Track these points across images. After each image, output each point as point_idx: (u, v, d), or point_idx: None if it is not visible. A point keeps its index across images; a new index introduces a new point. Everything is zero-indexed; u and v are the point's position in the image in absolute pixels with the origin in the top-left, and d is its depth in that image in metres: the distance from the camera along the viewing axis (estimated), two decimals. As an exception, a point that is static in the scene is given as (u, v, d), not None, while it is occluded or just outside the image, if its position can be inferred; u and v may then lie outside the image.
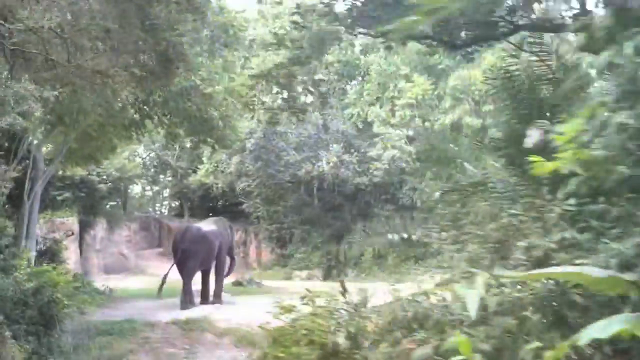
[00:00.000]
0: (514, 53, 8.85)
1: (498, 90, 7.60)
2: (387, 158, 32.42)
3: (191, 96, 19.68)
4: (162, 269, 40.58)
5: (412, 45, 24.79)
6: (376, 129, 33.57)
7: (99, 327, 14.50)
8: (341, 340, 5.08)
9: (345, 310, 5.71)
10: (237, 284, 26.70)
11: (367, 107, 34.81)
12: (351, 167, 32.82)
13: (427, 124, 33.45)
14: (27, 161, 20.36)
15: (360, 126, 34.73)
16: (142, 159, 46.47)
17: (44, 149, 22.64)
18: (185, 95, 19.35)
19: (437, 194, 7.39)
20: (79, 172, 29.18)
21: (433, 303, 5.03)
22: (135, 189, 48.52)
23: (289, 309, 6.14)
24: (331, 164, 32.26)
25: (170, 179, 48.14)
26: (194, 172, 43.93)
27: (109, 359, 12.75)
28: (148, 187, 52.91)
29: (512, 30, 10.02)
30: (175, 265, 18.40)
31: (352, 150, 33.58)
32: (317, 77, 38.88)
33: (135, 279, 31.74)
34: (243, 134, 27.14)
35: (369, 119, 34.35)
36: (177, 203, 48.91)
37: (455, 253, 5.45)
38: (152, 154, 47.04)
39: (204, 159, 40.68)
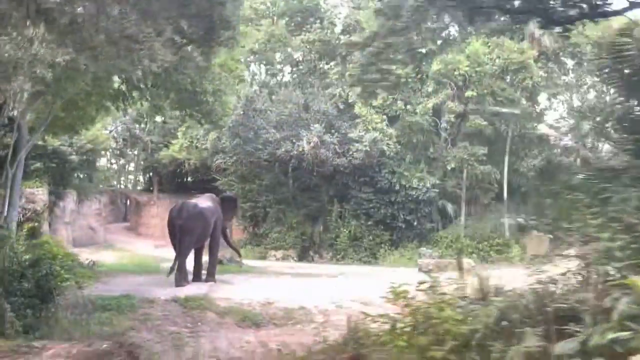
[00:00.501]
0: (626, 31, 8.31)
1: (608, 69, 7.24)
2: (368, 140, 32.14)
3: (186, 68, 18.95)
4: (129, 244, 40.31)
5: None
6: (358, 110, 33.21)
7: (95, 302, 13.95)
8: (479, 331, 4.74)
9: (472, 299, 5.37)
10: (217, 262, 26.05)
11: (348, 87, 34.39)
12: (332, 148, 32.44)
13: (409, 107, 33.24)
14: (8, 128, 19.59)
15: (341, 107, 34.32)
16: (111, 131, 45.31)
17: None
18: (181, 67, 18.61)
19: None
20: (52, 142, 28.29)
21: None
22: (101, 161, 47.42)
23: (402, 295, 5.77)
24: (312, 144, 31.84)
25: (138, 153, 47.15)
26: (166, 146, 43.12)
27: (109, 335, 12.22)
28: (114, 161, 51.80)
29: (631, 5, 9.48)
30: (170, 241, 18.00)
31: (333, 131, 33.19)
32: (295, 55, 38.48)
33: (105, 253, 31.06)
34: (231, 110, 26.45)
35: (350, 100, 33.97)
36: (145, 178, 47.99)
37: (608, 242, 5.06)
38: (122, 127, 45.94)
39: (179, 134, 39.82)
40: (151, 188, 45.32)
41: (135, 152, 47.70)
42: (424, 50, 32.53)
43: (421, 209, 34.35)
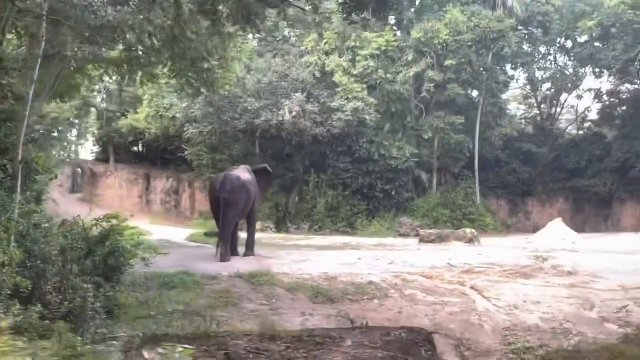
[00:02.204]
0: None
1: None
2: (350, 109, 31.75)
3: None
4: (89, 217, 38.55)
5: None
6: (338, 78, 32.71)
7: (155, 279, 13.20)
8: None
9: None
10: (213, 234, 25.14)
11: (324, 56, 33.84)
12: (312, 117, 31.90)
13: (388, 75, 33.01)
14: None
15: (318, 75, 33.73)
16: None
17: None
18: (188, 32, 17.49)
19: None
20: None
21: None
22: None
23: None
24: (293, 113, 31.21)
25: (94, 122, 45.17)
26: (123, 115, 41.49)
27: (188, 313, 11.56)
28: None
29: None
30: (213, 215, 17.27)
31: (312, 100, 32.61)
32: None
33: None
34: (234, 78, 25.46)
35: (328, 69, 33.41)
36: (99, 147, 46.06)
37: None
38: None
39: (144, 103, 38.28)
40: (107, 158, 43.57)
41: (90, 121, 45.57)
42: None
43: (399, 179, 34.37)
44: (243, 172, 17.69)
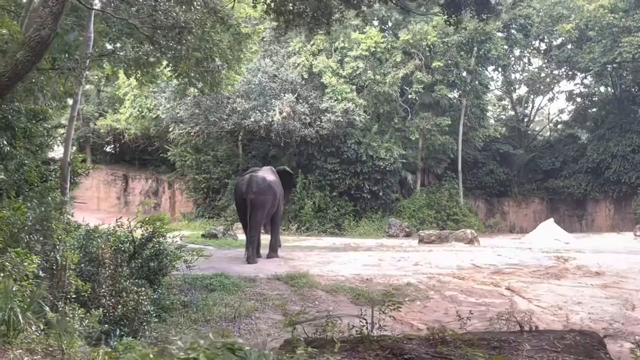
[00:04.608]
0: None
1: None
2: (340, 110, 31.71)
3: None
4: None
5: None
6: (327, 80, 32.64)
7: (195, 282, 13.02)
8: None
9: None
10: (211, 235, 24.95)
11: (311, 57, 33.75)
12: (302, 118, 31.80)
13: (377, 77, 33.08)
14: None
15: (305, 76, 33.61)
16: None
17: None
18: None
19: None
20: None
21: None
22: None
23: None
24: (284, 114, 31.04)
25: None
26: (101, 115, 40.76)
27: (234, 317, 11.42)
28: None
29: None
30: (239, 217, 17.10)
31: (301, 101, 32.50)
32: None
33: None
34: (239, 80, 25.09)
35: (316, 70, 33.32)
36: (76, 148, 45.03)
37: None
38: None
39: (127, 103, 37.61)
40: (84, 159, 42.68)
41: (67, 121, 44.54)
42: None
43: (387, 180, 34.48)
44: (268, 174, 17.56)
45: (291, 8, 14.76)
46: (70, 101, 18.71)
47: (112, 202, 41.57)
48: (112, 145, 44.98)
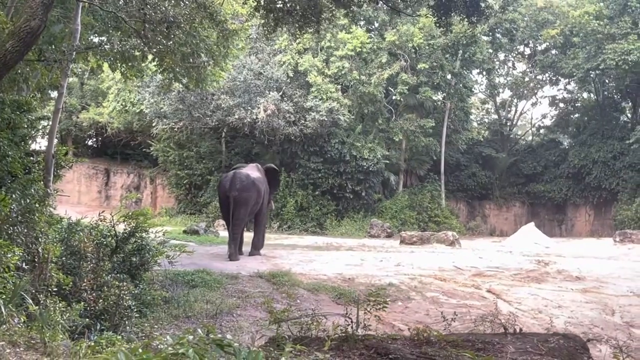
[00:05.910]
0: None
1: None
2: (324, 109, 31.72)
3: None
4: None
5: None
6: (312, 79, 32.62)
7: (176, 278, 12.96)
8: None
9: None
10: (192, 232, 24.84)
11: (297, 55, 33.72)
12: (287, 117, 31.77)
13: (363, 77, 33.12)
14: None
15: (291, 75, 33.55)
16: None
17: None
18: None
19: None
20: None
21: None
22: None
23: None
24: (268, 112, 30.98)
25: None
26: (84, 109, 40.46)
27: (216, 314, 11.39)
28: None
29: None
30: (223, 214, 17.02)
31: (286, 99, 32.48)
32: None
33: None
34: (224, 76, 24.94)
35: (301, 68, 33.29)
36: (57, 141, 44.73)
37: None
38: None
39: (111, 97, 37.38)
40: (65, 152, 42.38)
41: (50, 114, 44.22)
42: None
43: (370, 180, 34.54)
44: (253, 171, 17.52)
45: (281, 6, 14.71)
46: (53, 94, 18.65)
47: (93, 196, 41.32)
48: (95, 139, 44.77)
